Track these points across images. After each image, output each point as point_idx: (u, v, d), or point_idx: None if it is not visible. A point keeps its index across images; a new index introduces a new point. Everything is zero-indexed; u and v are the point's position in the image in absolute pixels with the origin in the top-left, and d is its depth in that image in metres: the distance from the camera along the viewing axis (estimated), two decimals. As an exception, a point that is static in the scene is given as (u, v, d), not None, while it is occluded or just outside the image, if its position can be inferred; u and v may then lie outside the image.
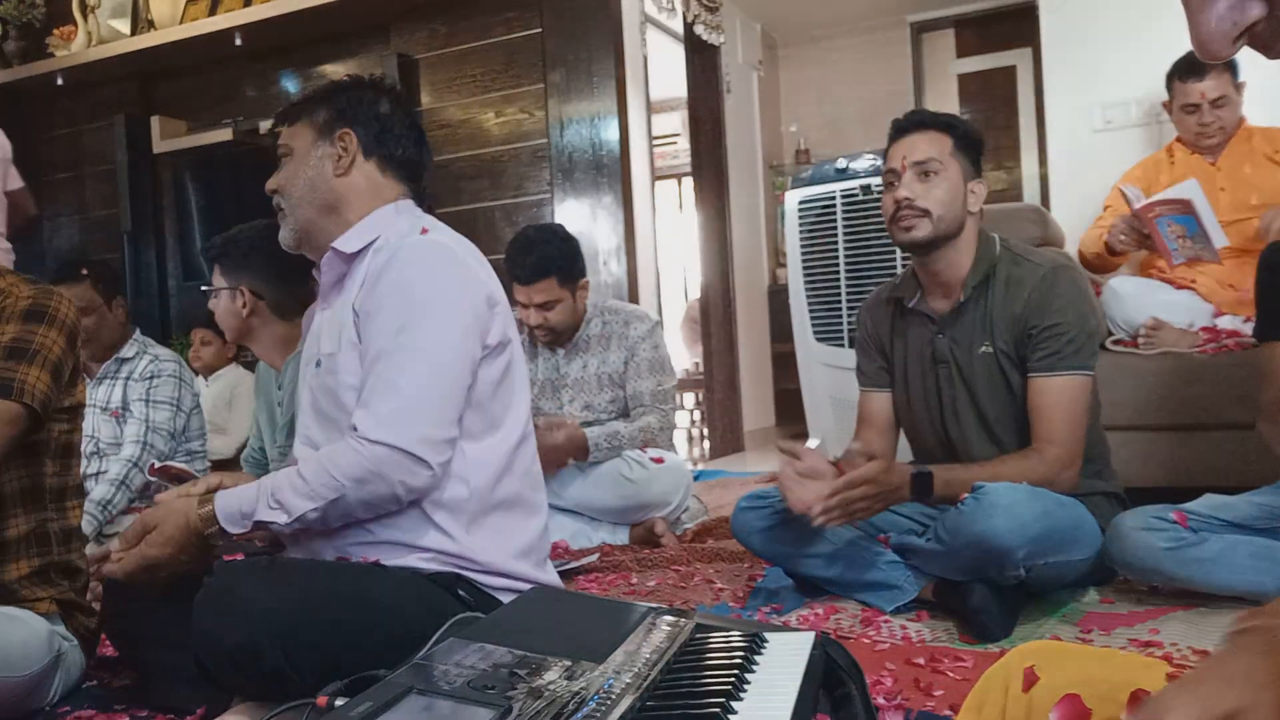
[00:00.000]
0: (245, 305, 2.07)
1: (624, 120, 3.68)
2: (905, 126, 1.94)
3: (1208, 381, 2.48)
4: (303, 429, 1.50)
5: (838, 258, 3.25)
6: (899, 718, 1.28)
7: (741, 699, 0.85)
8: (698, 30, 4.59)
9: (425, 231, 1.45)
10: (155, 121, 4.39)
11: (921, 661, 1.52)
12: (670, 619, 1.03)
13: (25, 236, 3.62)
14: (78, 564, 1.63)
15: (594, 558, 2.39)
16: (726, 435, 5.01)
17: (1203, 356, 2.52)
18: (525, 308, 2.65)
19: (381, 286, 1.38)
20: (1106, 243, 2.76)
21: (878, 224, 3.13)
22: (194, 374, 3.19)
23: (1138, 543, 1.73)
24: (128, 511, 2.69)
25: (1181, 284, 2.74)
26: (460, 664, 0.84)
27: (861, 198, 3.19)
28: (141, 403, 2.74)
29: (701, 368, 5.22)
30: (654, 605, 1.08)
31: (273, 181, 1.54)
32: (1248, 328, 2.47)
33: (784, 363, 4.69)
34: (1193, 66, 2.74)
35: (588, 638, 0.94)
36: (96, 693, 1.61)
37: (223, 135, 4.20)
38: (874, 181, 3.15)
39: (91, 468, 2.76)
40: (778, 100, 6.11)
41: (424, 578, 1.37)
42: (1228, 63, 2.75)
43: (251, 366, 3.53)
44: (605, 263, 3.68)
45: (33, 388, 1.41)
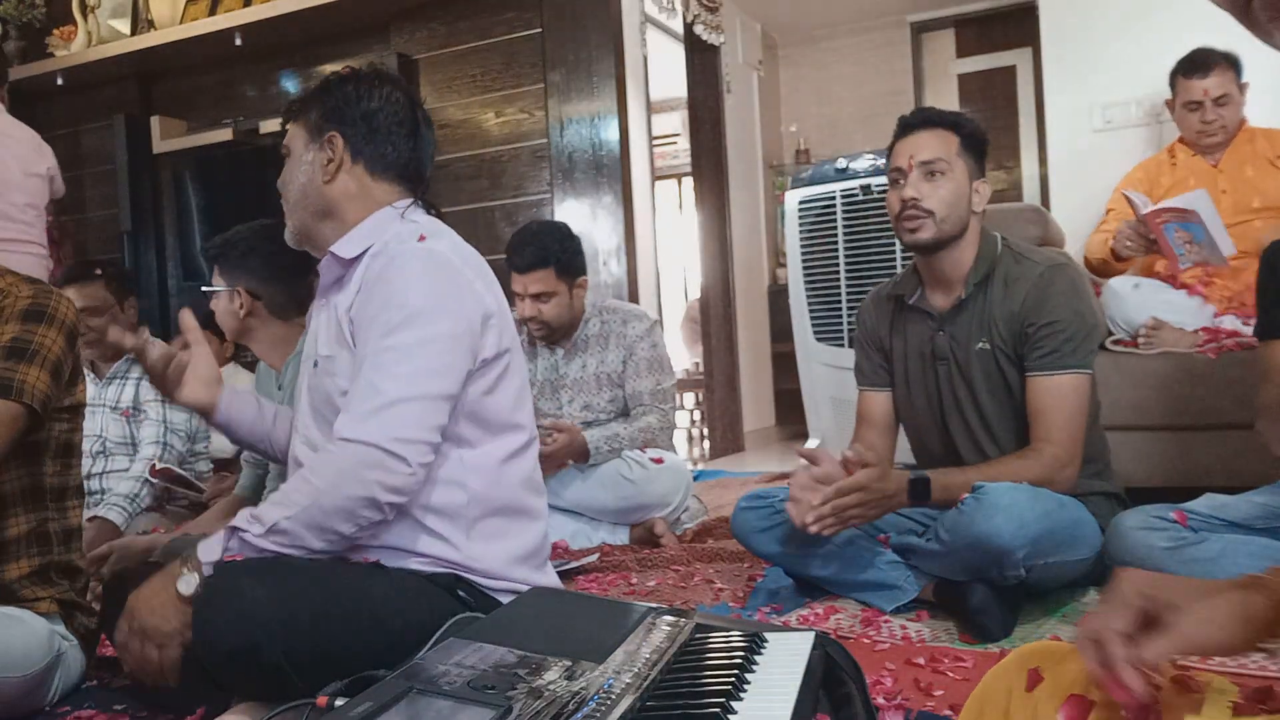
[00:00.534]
0: (242, 306, 2.07)
1: (624, 120, 3.68)
2: (912, 124, 1.93)
3: (1208, 381, 2.48)
4: (301, 427, 1.50)
5: (838, 258, 3.25)
6: (899, 718, 1.28)
7: (741, 699, 0.85)
8: (698, 30, 4.59)
9: (423, 238, 1.42)
10: (155, 121, 4.39)
11: (921, 661, 1.51)
12: (670, 619, 1.03)
13: None
14: (78, 564, 1.63)
15: (594, 558, 2.39)
16: (726, 435, 5.01)
17: (1203, 356, 2.52)
18: (520, 299, 2.65)
19: (374, 294, 1.37)
20: (1112, 249, 2.76)
21: (878, 224, 3.14)
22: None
23: (1138, 542, 1.72)
24: (151, 510, 2.70)
25: (1182, 285, 2.74)
26: (460, 664, 0.84)
27: (861, 198, 3.19)
28: (157, 403, 2.74)
29: (701, 368, 5.22)
30: (654, 605, 1.08)
31: (280, 178, 1.54)
32: (1248, 328, 2.47)
33: (784, 363, 4.69)
34: (1196, 63, 2.73)
35: (588, 638, 0.94)
36: (96, 693, 1.61)
37: (223, 135, 4.21)
38: (874, 181, 3.15)
39: (98, 466, 2.75)
40: (778, 100, 6.11)
41: (424, 578, 1.37)
42: (1231, 61, 2.74)
43: (251, 366, 3.53)
44: (605, 263, 3.68)
45: (33, 387, 1.41)
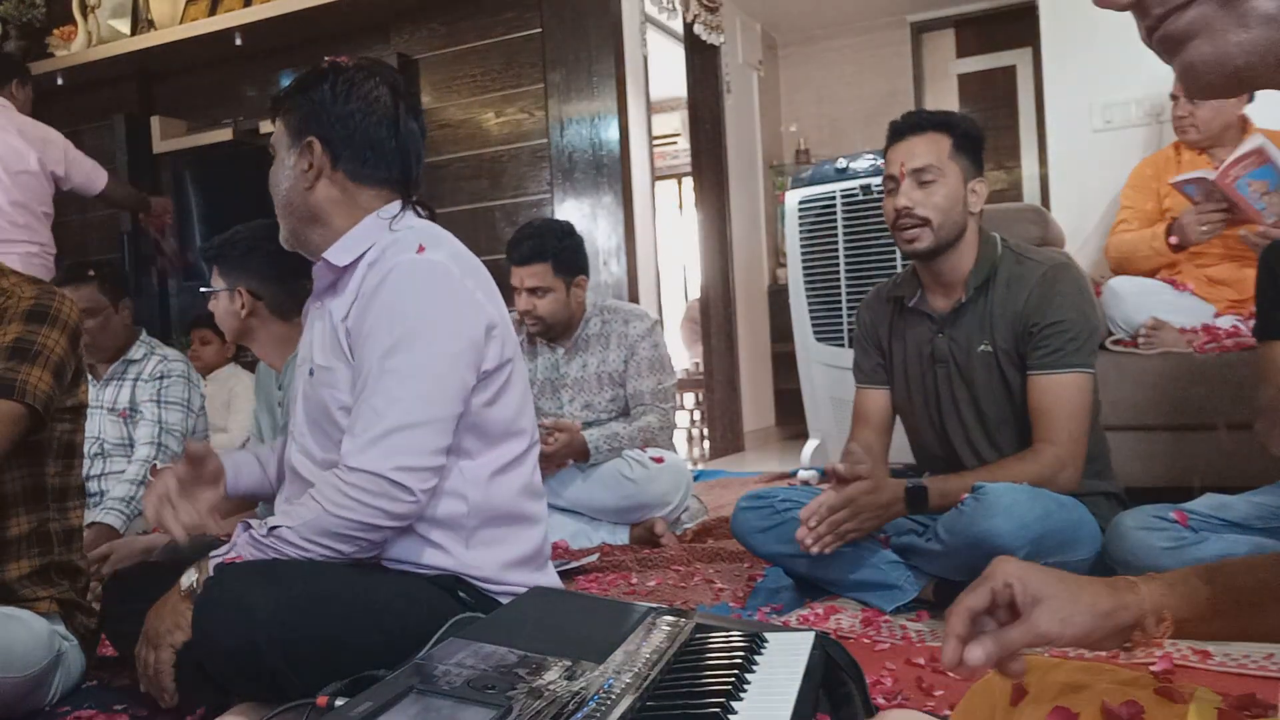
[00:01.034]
0: (244, 306, 2.07)
1: (624, 120, 3.68)
2: (902, 129, 1.92)
3: (1208, 381, 2.48)
4: (297, 434, 1.48)
5: (838, 258, 3.25)
6: (899, 718, 1.28)
7: (741, 699, 0.85)
8: (698, 30, 4.59)
9: (422, 249, 1.37)
10: (155, 121, 4.39)
11: (921, 661, 1.52)
12: (670, 619, 1.03)
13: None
14: (78, 564, 1.63)
15: (594, 558, 2.39)
16: (726, 435, 5.01)
17: (1203, 356, 2.52)
18: (517, 293, 2.65)
19: (373, 309, 1.34)
20: (1176, 242, 2.67)
21: (878, 224, 3.14)
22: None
23: (1138, 542, 1.72)
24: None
25: (1182, 286, 2.74)
26: (460, 664, 0.84)
27: (861, 198, 3.19)
28: (153, 404, 2.74)
29: (701, 368, 5.22)
30: (654, 605, 1.08)
31: (270, 180, 1.50)
32: (1247, 327, 2.47)
33: (784, 363, 4.69)
34: None
35: (588, 638, 0.94)
36: (96, 693, 1.61)
37: (223, 135, 4.21)
38: (874, 181, 3.15)
39: (95, 469, 2.75)
40: (778, 100, 6.11)
41: (424, 579, 1.37)
42: None
43: (251, 366, 3.54)
44: (605, 263, 3.68)
45: (35, 388, 1.41)
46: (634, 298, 3.66)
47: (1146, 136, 3.23)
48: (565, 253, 2.65)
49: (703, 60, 4.91)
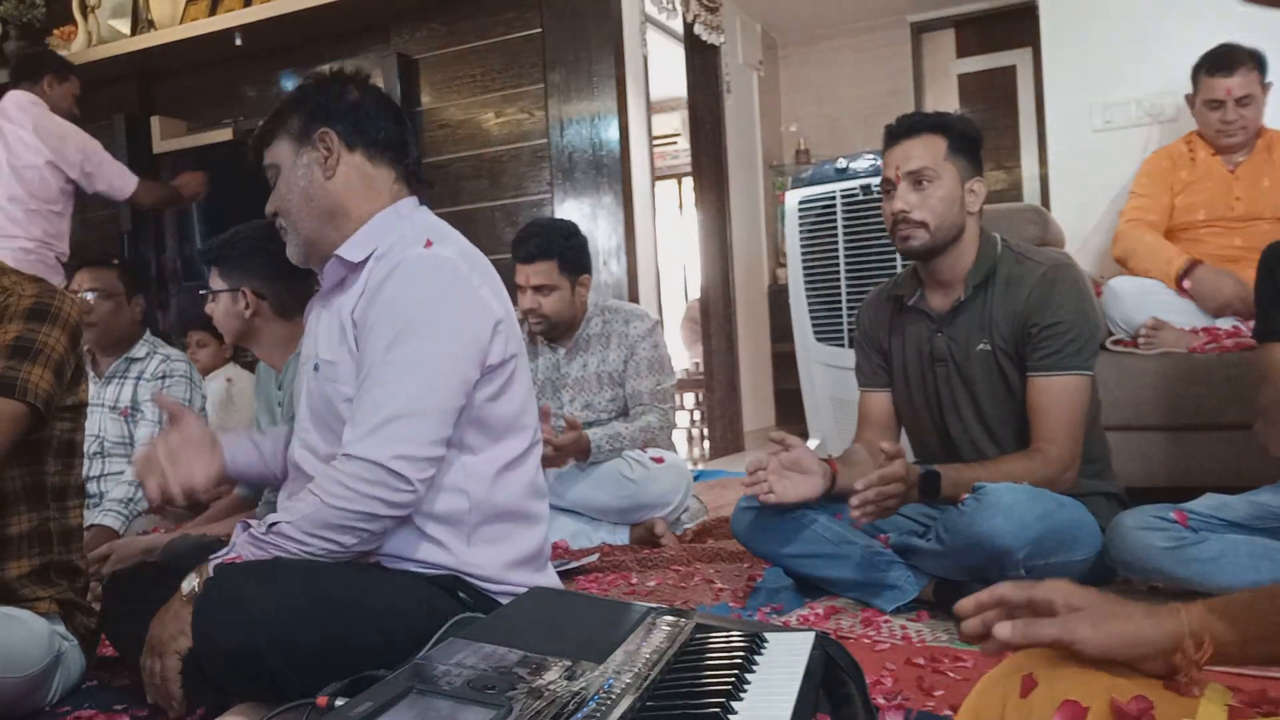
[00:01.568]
0: (248, 306, 2.06)
1: (624, 120, 3.68)
2: (897, 133, 1.92)
3: (1208, 381, 2.48)
4: (300, 430, 1.49)
5: (838, 258, 3.25)
6: (899, 718, 1.28)
7: (741, 699, 0.85)
8: (698, 30, 4.59)
9: (430, 244, 1.39)
10: (155, 121, 4.39)
11: (921, 661, 1.51)
12: (670, 619, 1.03)
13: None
14: (77, 564, 1.63)
15: (594, 558, 2.39)
16: (726, 435, 5.01)
17: (1203, 356, 2.52)
18: (523, 291, 2.65)
19: (378, 301, 1.35)
20: (1189, 288, 2.61)
21: (878, 224, 3.13)
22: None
23: (1138, 542, 1.72)
24: (150, 512, 2.69)
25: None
26: (460, 664, 0.84)
27: (861, 198, 3.19)
28: (153, 403, 2.74)
29: (701, 368, 5.22)
30: (654, 605, 1.08)
31: (271, 204, 1.50)
32: (1247, 328, 2.47)
33: (784, 363, 4.69)
34: (1221, 60, 2.68)
35: (588, 638, 0.94)
36: (96, 693, 1.61)
37: (223, 135, 4.21)
38: (874, 182, 3.15)
39: (95, 469, 2.74)
40: (778, 100, 6.11)
41: (424, 579, 1.37)
42: (1257, 60, 2.69)
43: (251, 366, 3.53)
44: (605, 263, 3.68)
45: (35, 386, 1.41)
46: (634, 298, 3.66)
47: (1146, 136, 3.23)
48: (571, 251, 2.66)
49: (703, 60, 4.91)
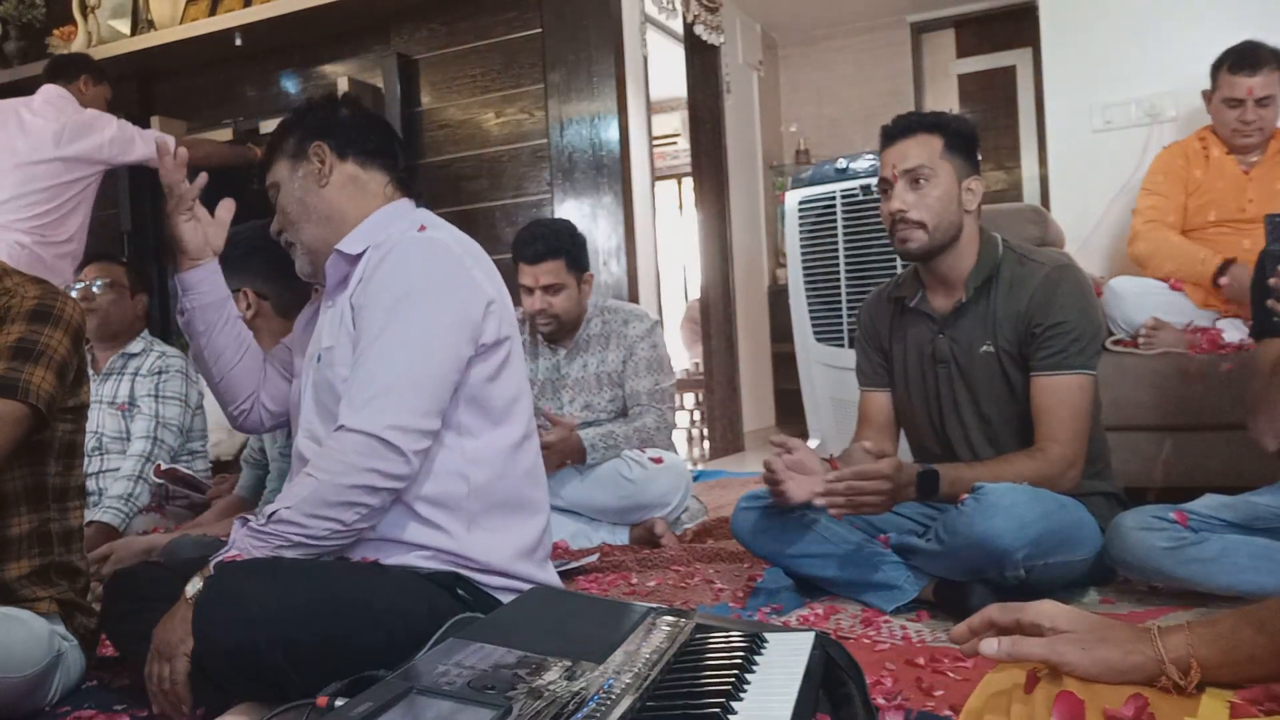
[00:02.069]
0: (250, 306, 2.07)
1: (624, 120, 3.68)
2: (893, 133, 1.92)
3: (1208, 381, 2.48)
4: (305, 423, 1.50)
5: (838, 258, 3.25)
6: (899, 718, 1.28)
7: (741, 699, 0.85)
8: (698, 30, 4.59)
9: (423, 229, 1.46)
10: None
11: (921, 661, 1.51)
12: (670, 619, 1.03)
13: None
14: (78, 565, 1.63)
15: (594, 558, 2.39)
16: (726, 435, 5.01)
17: (1202, 356, 2.52)
18: (530, 292, 2.65)
19: (373, 282, 1.41)
20: (1226, 283, 2.56)
21: (878, 224, 3.13)
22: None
23: (1138, 542, 1.73)
24: (151, 511, 2.69)
25: (1178, 285, 2.73)
26: (460, 664, 0.84)
27: (861, 198, 3.19)
28: (150, 398, 2.75)
29: (701, 368, 5.22)
30: (654, 605, 1.08)
31: (275, 222, 1.59)
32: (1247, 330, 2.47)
33: (784, 363, 4.69)
34: (1244, 59, 2.65)
35: (588, 638, 0.94)
36: (96, 693, 1.61)
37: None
38: (874, 182, 3.14)
39: (94, 465, 2.75)
40: (778, 100, 6.11)
41: (423, 577, 1.37)
42: (1279, 60, 2.69)
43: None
44: (605, 263, 3.68)
45: (38, 388, 1.41)
46: (634, 298, 3.66)
47: (1146, 136, 3.23)
48: (576, 249, 2.69)
49: (703, 60, 4.91)
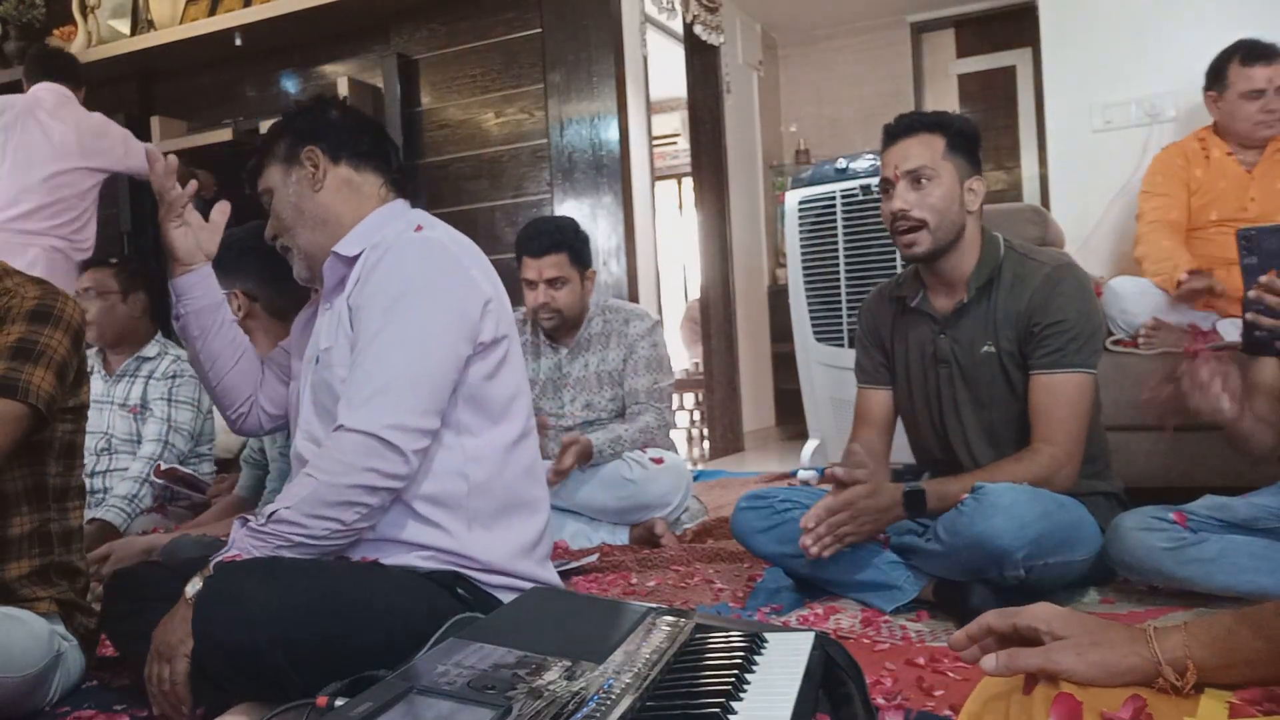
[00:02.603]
0: (240, 308, 2.07)
1: (624, 120, 3.68)
2: (895, 132, 1.92)
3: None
4: (304, 424, 1.50)
5: (838, 258, 3.25)
6: (899, 718, 1.28)
7: (741, 699, 0.85)
8: (698, 30, 4.59)
9: (420, 229, 1.46)
10: (155, 121, 4.39)
11: (921, 661, 1.51)
12: (670, 619, 1.03)
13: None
14: (77, 565, 1.63)
15: (594, 558, 2.39)
16: (726, 435, 5.01)
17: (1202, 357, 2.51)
18: (533, 286, 2.66)
19: (370, 283, 1.41)
20: (1183, 280, 2.55)
21: (878, 224, 3.14)
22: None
23: (1138, 543, 1.73)
24: (152, 511, 2.69)
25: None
26: (460, 664, 0.84)
27: (861, 198, 3.20)
28: (163, 402, 2.75)
29: (701, 368, 5.22)
30: (654, 605, 1.08)
31: (270, 228, 1.58)
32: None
33: (784, 363, 4.69)
34: (1256, 51, 2.64)
35: (588, 638, 0.94)
36: (96, 693, 1.61)
37: (223, 135, 4.20)
38: (874, 182, 3.15)
39: (101, 465, 2.75)
40: (778, 100, 6.11)
41: (423, 577, 1.37)
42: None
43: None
44: (605, 263, 3.68)
45: (38, 388, 1.41)
46: (634, 298, 3.66)
47: (1146, 136, 3.23)
48: (580, 244, 2.70)
49: (703, 60, 4.91)
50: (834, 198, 3.25)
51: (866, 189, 3.16)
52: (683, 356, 6.46)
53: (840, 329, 3.27)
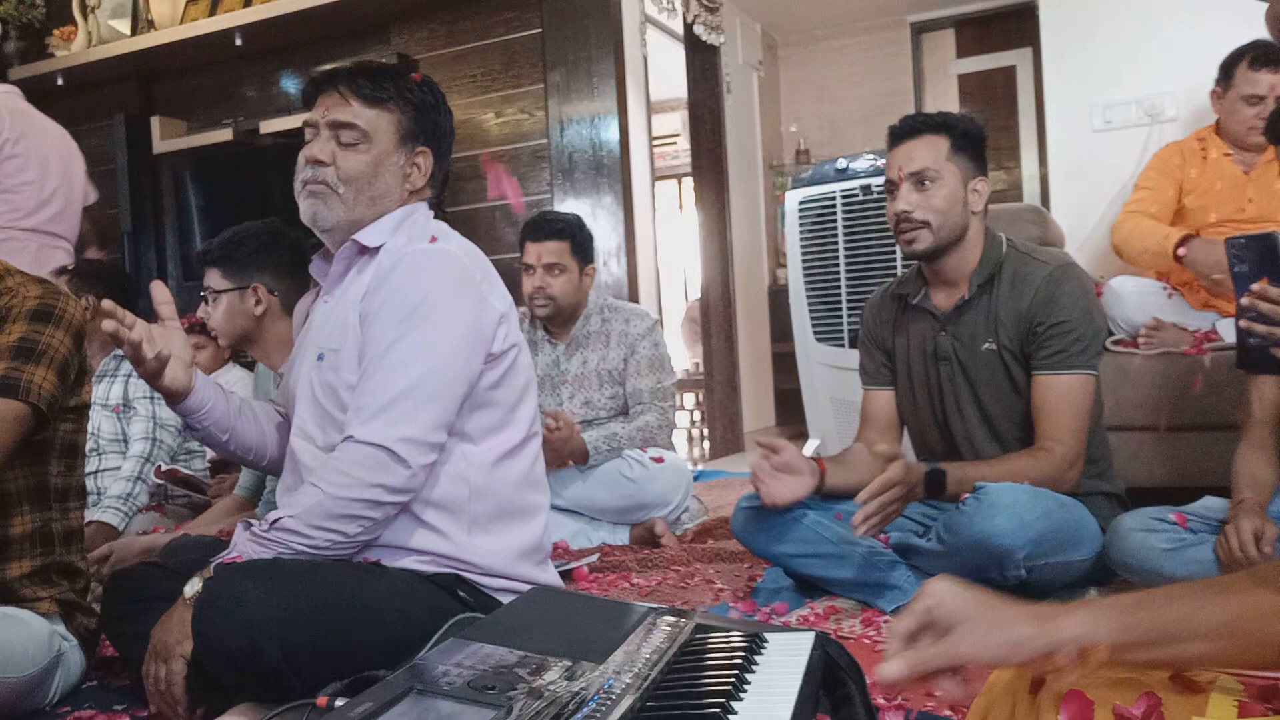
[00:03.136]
0: (259, 302, 2.07)
1: (624, 120, 3.68)
2: (900, 133, 1.92)
3: (1208, 381, 2.48)
4: (298, 420, 1.48)
5: (838, 258, 3.25)
6: (899, 718, 1.28)
7: (741, 699, 0.85)
8: (698, 30, 4.59)
9: (434, 240, 1.44)
10: (155, 121, 4.39)
11: (921, 661, 1.51)
12: (670, 619, 1.03)
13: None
14: (78, 565, 1.63)
15: (594, 558, 2.39)
16: (726, 435, 5.01)
17: (1202, 357, 2.51)
18: (531, 271, 2.67)
19: (384, 291, 1.39)
20: (1184, 254, 2.54)
21: (878, 224, 3.14)
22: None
23: (1138, 544, 1.73)
24: (151, 510, 2.69)
25: (1176, 288, 2.72)
26: (460, 664, 0.84)
27: (861, 198, 3.19)
28: (146, 399, 2.74)
29: (701, 368, 5.21)
30: (654, 605, 1.08)
31: (336, 160, 1.44)
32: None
33: (784, 363, 4.69)
34: (1268, 55, 2.61)
35: (588, 638, 0.94)
36: (96, 693, 1.61)
37: (223, 135, 4.20)
38: (874, 182, 3.15)
39: (91, 465, 2.74)
40: (778, 100, 6.11)
41: (423, 578, 1.37)
42: None
43: (251, 367, 3.53)
44: (605, 263, 3.68)
45: (39, 388, 1.41)
46: (634, 298, 3.66)
47: (1146, 136, 3.23)
48: (583, 237, 2.72)
49: (703, 60, 4.90)
50: (834, 198, 3.25)
51: (867, 189, 3.16)
52: (683, 356, 6.46)
53: (841, 329, 3.27)
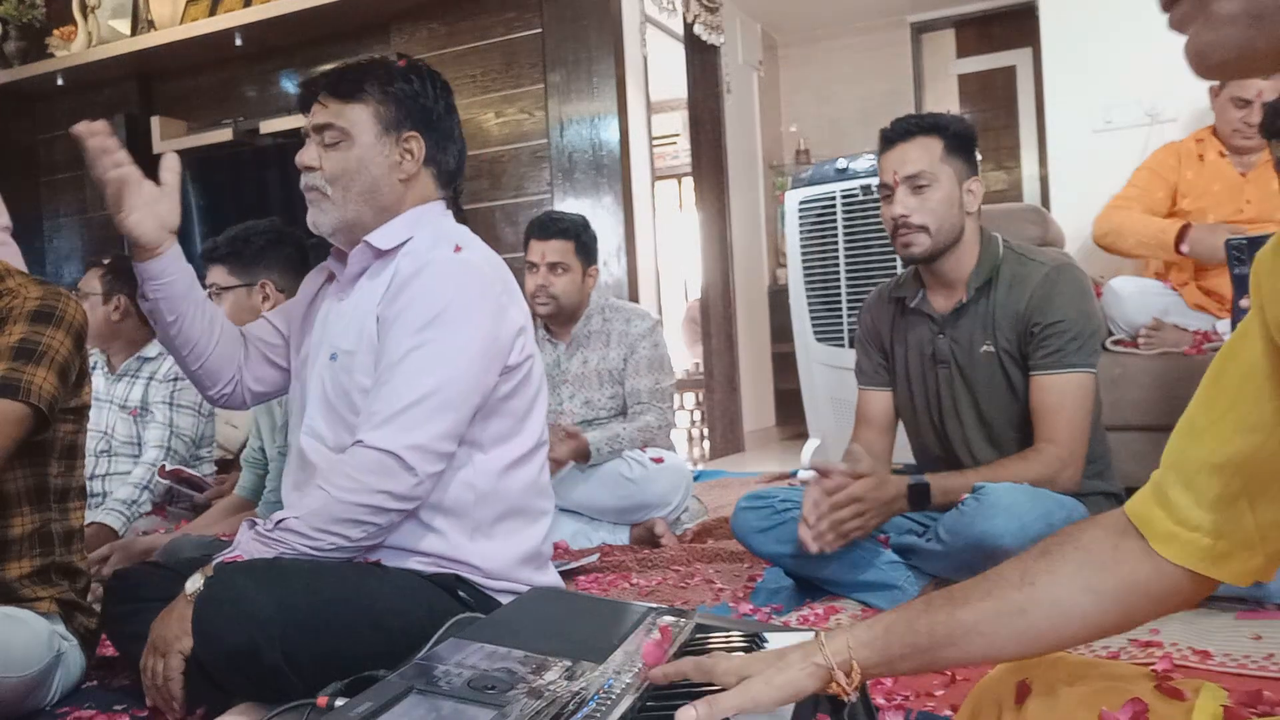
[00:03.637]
0: (266, 299, 2.07)
1: (624, 120, 3.68)
2: (893, 136, 1.92)
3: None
4: (309, 419, 1.48)
5: (838, 258, 3.25)
6: (899, 718, 1.28)
7: (741, 699, 0.85)
8: (698, 30, 4.59)
9: (459, 249, 1.42)
10: (155, 121, 4.39)
11: (921, 661, 1.51)
12: (670, 619, 1.03)
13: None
14: (78, 565, 1.63)
15: (594, 558, 2.39)
16: (726, 435, 5.01)
17: (1202, 357, 2.51)
18: (534, 269, 2.68)
19: (404, 297, 1.37)
20: (1187, 251, 2.56)
21: (878, 224, 3.14)
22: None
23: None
24: (151, 513, 2.69)
25: (1177, 287, 2.72)
26: (460, 664, 0.84)
27: (861, 198, 3.20)
28: (165, 405, 2.74)
29: (701, 368, 5.22)
30: (654, 605, 1.08)
31: (322, 163, 1.43)
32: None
33: (784, 363, 4.69)
34: None
35: (588, 638, 0.94)
36: (96, 693, 1.61)
37: (223, 135, 4.20)
38: (874, 182, 3.15)
39: (101, 468, 2.73)
40: (778, 100, 6.11)
41: (424, 578, 1.37)
42: None
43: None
44: (605, 263, 3.68)
45: (39, 388, 1.41)
46: (634, 298, 3.66)
47: (1146, 136, 3.23)
48: (587, 238, 2.73)
49: (703, 60, 4.90)
50: (834, 198, 3.25)
51: (867, 189, 3.16)
52: (683, 356, 6.46)
53: (840, 329, 3.27)
